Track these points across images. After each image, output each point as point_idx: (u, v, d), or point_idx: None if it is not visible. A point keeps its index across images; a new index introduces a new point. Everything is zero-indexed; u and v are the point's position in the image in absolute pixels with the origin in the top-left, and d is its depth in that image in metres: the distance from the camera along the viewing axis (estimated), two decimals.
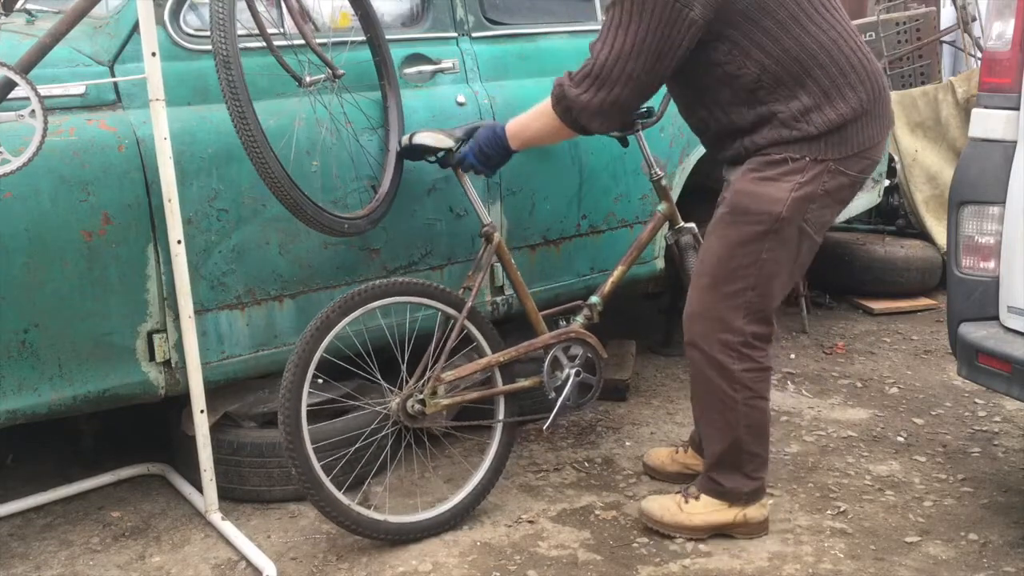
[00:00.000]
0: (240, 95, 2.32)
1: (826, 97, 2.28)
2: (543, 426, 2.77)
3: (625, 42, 2.21)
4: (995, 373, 2.39)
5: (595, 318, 2.90)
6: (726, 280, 2.37)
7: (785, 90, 2.28)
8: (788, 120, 2.29)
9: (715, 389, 2.42)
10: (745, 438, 2.45)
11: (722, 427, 2.46)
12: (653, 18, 2.18)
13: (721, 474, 2.51)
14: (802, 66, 2.27)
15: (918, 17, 5.69)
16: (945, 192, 4.52)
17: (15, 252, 2.30)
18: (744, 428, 2.43)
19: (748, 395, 2.41)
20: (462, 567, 2.46)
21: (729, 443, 2.46)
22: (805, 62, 2.26)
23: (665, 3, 2.16)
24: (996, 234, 2.45)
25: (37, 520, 2.73)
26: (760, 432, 2.47)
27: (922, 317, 4.48)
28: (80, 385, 2.44)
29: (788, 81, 2.27)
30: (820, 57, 2.27)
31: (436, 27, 3.04)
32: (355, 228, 2.64)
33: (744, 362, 2.39)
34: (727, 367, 2.38)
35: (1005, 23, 2.44)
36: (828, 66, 2.28)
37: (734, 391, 2.40)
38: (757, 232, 2.34)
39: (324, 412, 2.76)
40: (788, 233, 2.34)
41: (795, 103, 2.28)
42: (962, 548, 2.51)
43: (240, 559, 2.51)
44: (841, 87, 2.29)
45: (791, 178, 2.30)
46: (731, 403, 2.41)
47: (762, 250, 2.34)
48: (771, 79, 2.27)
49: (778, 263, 2.36)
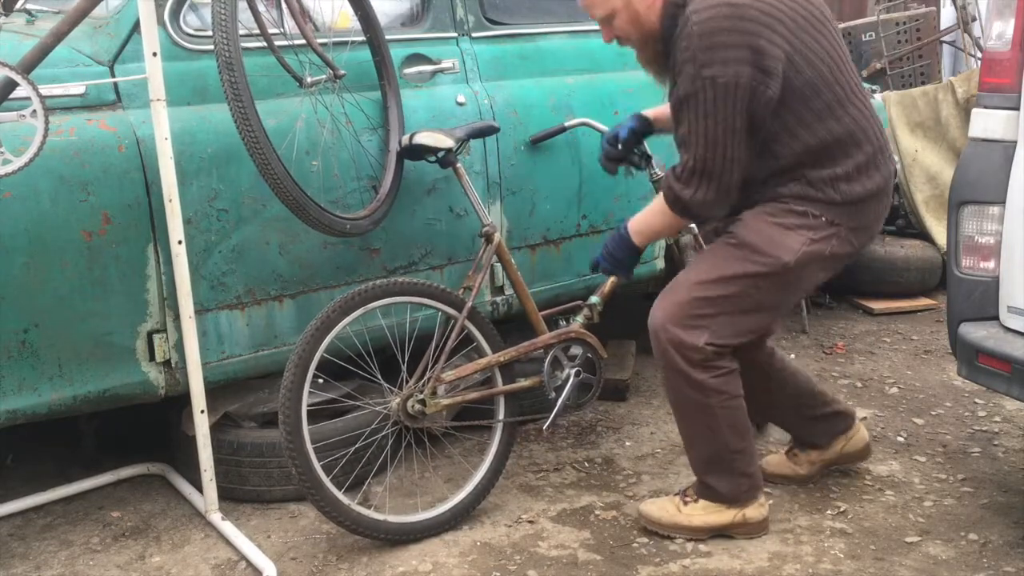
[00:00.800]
0: (243, 96, 2.32)
1: (857, 172, 2.35)
2: (543, 426, 2.77)
3: (716, 130, 2.24)
4: (995, 373, 2.39)
5: (595, 318, 2.90)
6: (703, 303, 2.37)
7: (821, 161, 2.33)
8: (817, 182, 2.33)
9: (688, 399, 2.42)
10: (730, 438, 2.44)
11: (704, 432, 2.45)
12: (737, 102, 2.21)
13: (714, 477, 2.50)
14: (841, 145, 2.33)
15: (918, 17, 5.69)
16: (945, 192, 4.51)
17: (15, 252, 2.30)
18: (727, 429, 2.43)
19: (722, 399, 2.41)
20: (462, 567, 2.46)
21: (715, 446, 2.46)
22: (845, 141, 2.33)
23: (746, 86, 2.20)
24: (996, 234, 2.45)
25: (37, 520, 2.73)
26: (743, 428, 2.46)
27: (922, 317, 4.48)
28: (80, 385, 2.44)
29: (824, 156, 2.33)
30: (858, 136, 2.34)
31: (436, 27, 3.05)
32: (357, 228, 2.64)
33: (709, 371, 2.39)
34: (694, 377, 2.38)
35: (1005, 23, 2.44)
36: (863, 144, 2.35)
37: (707, 397, 2.40)
38: (758, 271, 2.36)
39: (324, 412, 2.76)
40: (785, 281, 2.38)
41: (827, 171, 2.33)
42: (962, 548, 2.51)
43: (240, 559, 2.51)
44: (870, 165, 2.36)
45: (806, 233, 2.34)
46: (707, 409, 2.41)
47: (753, 287, 2.36)
48: (811, 156, 2.33)
49: (760, 303, 2.39)
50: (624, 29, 2.38)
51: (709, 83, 2.19)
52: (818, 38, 2.28)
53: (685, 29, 2.21)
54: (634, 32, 2.37)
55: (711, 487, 2.51)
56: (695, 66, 2.19)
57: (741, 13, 2.19)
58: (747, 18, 2.19)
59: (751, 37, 2.18)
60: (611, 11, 2.35)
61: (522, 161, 3.12)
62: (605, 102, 3.30)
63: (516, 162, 3.11)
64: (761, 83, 2.20)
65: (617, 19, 2.36)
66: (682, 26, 2.23)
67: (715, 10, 2.19)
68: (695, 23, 2.19)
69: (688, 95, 2.23)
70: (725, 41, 2.17)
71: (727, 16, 2.18)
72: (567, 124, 3.14)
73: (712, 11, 2.19)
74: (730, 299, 2.37)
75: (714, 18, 2.18)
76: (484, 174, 3.04)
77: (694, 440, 2.50)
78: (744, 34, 2.18)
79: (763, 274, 2.35)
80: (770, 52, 2.19)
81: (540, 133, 3.12)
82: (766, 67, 2.20)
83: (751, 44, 2.18)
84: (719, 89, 2.19)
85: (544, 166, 3.17)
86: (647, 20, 2.33)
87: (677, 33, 2.25)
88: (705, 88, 2.20)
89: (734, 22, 2.18)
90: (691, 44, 2.19)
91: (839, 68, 2.31)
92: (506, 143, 3.07)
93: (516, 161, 3.11)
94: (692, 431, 2.48)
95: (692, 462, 2.56)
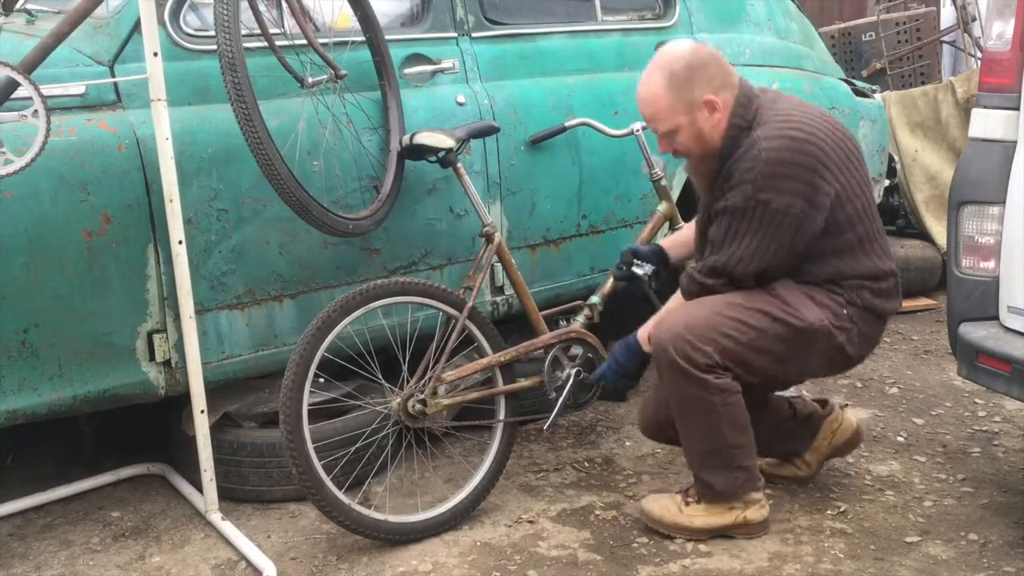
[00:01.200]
0: (246, 97, 2.33)
1: (880, 293, 2.47)
2: (543, 426, 2.77)
3: (751, 246, 2.36)
4: (995, 373, 2.39)
5: (595, 318, 2.90)
6: (720, 321, 2.38)
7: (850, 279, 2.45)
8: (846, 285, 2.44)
9: (690, 396, 2.41)
10: (729, 434, 2.44)
11: (703, 428, 2.45)
12: (782, 229, 2.33)
13: (709, 473, 2.49)
14: (868, 272, 2.46)
15: (918, 17, 5.69)
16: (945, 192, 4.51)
17: (15, 252, 2.30)
18: (727, 425, 2.43)
19: (724, 396, 2.41)
20: (462, 567, 2.46)
21: (713, 442, 2.46)
22: (871, 269, 2.46)
23: (795, 216, 2.31)
24: (996, 234, 2.45)
25: (37, 520, 2.73)
26: (742, 424, 2.46)
27: (922, 317, 4.48)
28: (80, 385, 2.44)
29: (852, 277, 2.45)
30: (882, 267, 2.47)
31: (436, 27, 3.05)
32: (359, 228, 2.64)
33: (712, 373, 2.39)
34: (696, 375, 2.38)
35: (1005, 23, 2.44)
36: (888, 275, 2.49)
37: (709, 395, 2.40)
38: (780, 317, 2.40)
39: (325, 412, 2.76)
40: (798, 338, 2.41)
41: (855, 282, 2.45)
42: (962, 548, 2.51)
43: (240, 559, 2.51)
44: (891, 291, 2.51)
45: (830, 313, 2.42)
46: (709, 406, 2.41)
47: (770, 327, 2.39)
48: (841, 276, 2.44)
49: (769, 348, 2.41)
50: (686, 144, 2.44)
51: (761, 206, 2.31)
52: (856, 176, 2.41)
53: (751, 151, 2.31)
54: (695, 148, 2.44)
55: (707, 484, 2.50)
56: (753, 188, 2.30)
57: (805, 148, 2.31)
58: (809, 154, 2.31)
59: (810, 173, 2.30)
60: (676, 127, 2.40)
61: (522, 161, 3.12)
62: (605, 102, 3.30)
63: (516, 162, 3.11)
64: (809, 216, 2.32)
65: (680, 135, 2.41)
66: (748, 147, 2.33)
67: (783, 141, 2.30)
68: (764, 149, 2.30)
69: (737, 209, 2.34)
70: (787, 172, 2.29)
71: (793, 149, 2.30)
72: (567, 124, 3.14)
73: (781, 142, 2.30)
74: (745, 328, 2.39)
75: (781, 149, 2.29)
76: (484, 174, 3.04)
77: (692, 436, 2.49)
78: (805, 169, 2.30)
79: (783, 321, 2.40)
80: (823, 189, 2.32)
81: (540, 133, 3.12)
82: (817, 202, 2.32)
83: (809, 180, 2.30)
84: (769, 213, 2.31)
85: (544, 166, 3.17)
86: (710, 138, 2.40)
87: (740, 152, 2.35)
88: (756, 208, 2.31)
89: (798, 156, 2.30)
90: (755, 167, 2.30)
91: (867, 206, 2.44)
92: (506, 143, 3.07)
93: (516, 161, 3.11)
94: (691, 427, 2.48)
95: (689, 458, 2.55)
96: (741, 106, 2.39)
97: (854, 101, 4.02)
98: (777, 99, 2.45)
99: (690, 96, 2.36)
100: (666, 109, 2.38)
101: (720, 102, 2.37)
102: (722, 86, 2.38)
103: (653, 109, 2.40)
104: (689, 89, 2.35)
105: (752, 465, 2.52)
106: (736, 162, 2.35)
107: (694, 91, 2.35)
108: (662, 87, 2.37)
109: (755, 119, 2.37)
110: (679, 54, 2.39)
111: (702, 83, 2.36)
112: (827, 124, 2.39)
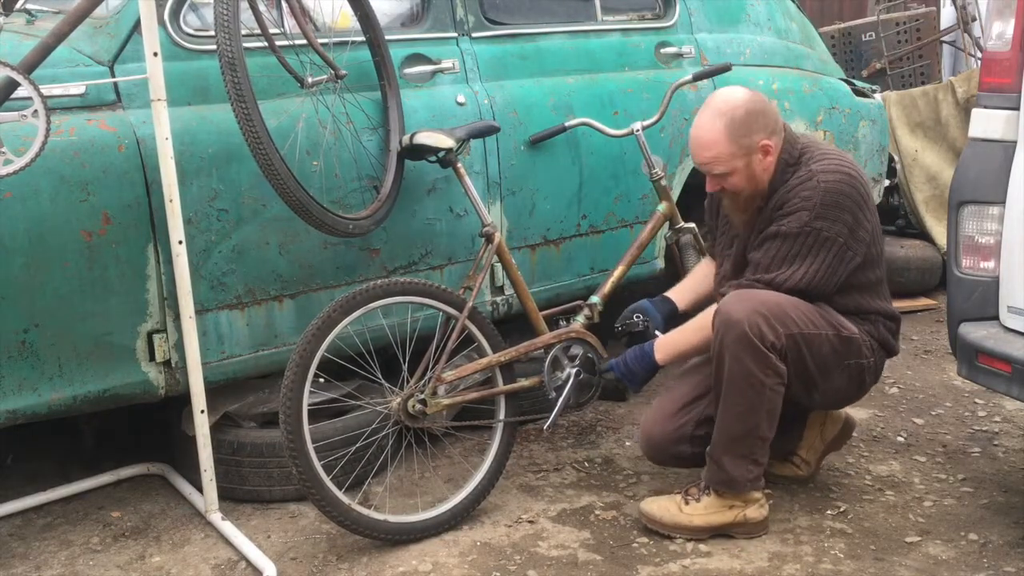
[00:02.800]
0: (246, 97, 2.33)
1: (893, 332, 2.66)
2: (543, 426, 2.77)
3: (805, 269, 2.46)
4: (995, 373, 2.39)
5: (595, 318, 2.90)
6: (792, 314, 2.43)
7: (870, 313, 2.59)
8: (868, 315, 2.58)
9: (747, 372, 2.40)
10: (763, 423, 2.45)
11: (744, 411, 2.44)
12: (829, 256, 2.45)
13: (729, 458, 2.48)
14: (884, 311, 2.61)
15: (918, 17, 5.69)
16: (945, 192, 4.51)
17: (15, 252, 2.30)
18: (766, 413, 2.44)
19: (776, 381, 2.42)
20: (462, 567, 2.46)
21: (747, 427, 2.45)
22: (886, 309, 2.62)
23: (841, 246, 2.45)
24: (996, 234, 2.45)
25: (37, 520, 2.73)
26: (775, 418, 2.48)
27: (922, 317, 4.48)
28: (80, 385, 2.44)
29: (872, 313, 2.58)
30: (891, 308, 2.64)
31: (436, 27, 3.05)
32: (360, 228, 2.64)
33: (776, 354, 2.42)
34: (762, 351, 2.39)
35: (1005, 23, 2.44)
36: (892, 319, 2.64)
37: (766, 376, 2.40)
38: (832, 326, 2.50)
39: (325, 411, 2.76)
40: (841, 348, 2.49)
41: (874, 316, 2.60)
42: (962, 548, 2.51)
43: (240, 559, 2.51)
44: (896, 334, 2.67)
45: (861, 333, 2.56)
46: (760, 388, 2.41)
47: (825, 332, 2.48)
48: (864, 312, 2.57)
49: (820, 350, 2.47)
50: (738, 185, 2.52)
51: (814, 233, 2.43)
52: (877, 221, 2.57)
53: (811, 182, 2.45)
54: (747, 188, 2.53)
55: (722, 467, 2.49)
56: (811, 215, 2.43)
57: (856, 186, 2.47)
58: (859, 191, 2.47)
59: (858, 208, 2.46)
60: (732, 170, 2.49)
61: (522, 161, 3.13)
62: (605, 102, 3.30)
63: (516, 162, 3.11)
64: (851, 248, 2.47)
65: (734, 176, 2.50)
66: (806, 178, 2.46)
67: (841, 176, 2.46)
68: (823, 182, 2.44)
69: (791, 234, 2.45)
70: (842, 203, 2.44)
71: (849, 184, 2.45)
72: (567, 124, 3.14)
73: (838, 175, 2.45)
74: (809, 323, 2.45)
75: (840, 183, 2.44)
76: (484, 174, 3.04)
77: (730, 415, 2.46)
78: (856, 203, 2.46)
79: (834, 326, 2.49)
80: (864, 225, 2.48)
81: (540, 133, 3.12)
82: (860, 236, 2.48)
83: (856, 215, 2.46)
84: (820, 239, 2.44)
85: (544, 166, 3.17)
86: (760, 180, 2.52)
87: (796, 182, 2.47)
88: (810, 235, 2.44)
89: (852, 191, 2.45)
90: (815, 196, 2.43)
91: (882, 252, 2.62)
92: (506, 143, 3.07)
93: (516, 161, 3.11)
94: (734, 407, 2.45)
95: (715, 441, 2.51)
96: (788, 144, 2.53)
97: (854, 101, 4.02)
98: (817, 140, 2.65)
99: (749, 142, 2.46)
100: (726, 154, 2.47)
101: (773, 145, 2.49)
102: (774, 130, 2.50)
103: (712, 153, 2.48)
104: (748, 135, 2.46)
105: (764, 465, 2.54)
106: (793, 190, 2.47)
107: (752, 137, 2.46)
108: (722, 133, 2.46)
109: (803, 155, 2.52)
110: (739, 101, 2.48)
111: (759, 129, 2.47)
112: (862, 170, 2.56)
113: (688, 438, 2.60)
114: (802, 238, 2.44)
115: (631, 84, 3.38)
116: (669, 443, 2.63)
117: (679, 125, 3.41)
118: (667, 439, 2.63)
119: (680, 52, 3.58)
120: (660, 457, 2.69)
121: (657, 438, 2.65)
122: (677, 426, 2.62)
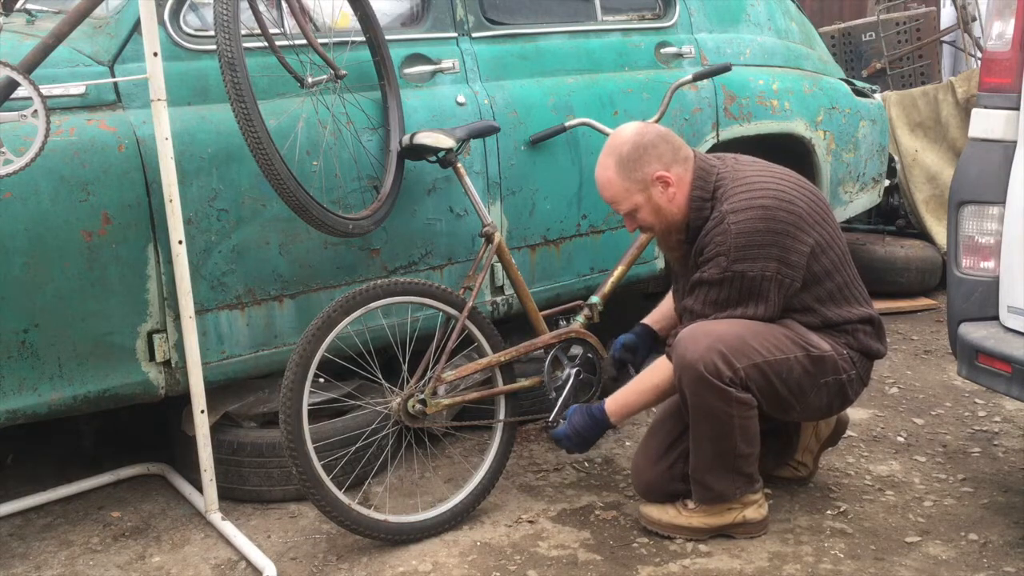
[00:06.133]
0: (246, 96, 2.33)
1: (869, 334, 2.55)
2: (543, 426, 2.77)
3: (739, 314, 2.43)
4: (995, 373, 2.39)
5: (595, 318, 2.90)
6: (752, 342, 2.40)
7: (839, 324, 2.52)
8: (839, 325, 2.52)
9: (709, 405, 2.40)
10: (739, 443, 2.44)
11: (716, 436, 2.44)
12: (766, 290, 2.41)
13: (713, 477, 2.49)
14: (854, 317, 2.53)
15: (918, 17, 5.69)
16: (945, 192, 4.52)
17: (15, 252, 2.30)
18: (739, 435, 2.43)
19: (742, 409, 2.41)
20: (462, 567, 2.46)
21: (722, 449, 2.45)
22: (857, 314, 2.53)
23: (771, 278, 2.40)
24: (996, 234, 2.45)
25: (37, 520, 2.73)
26: (753, 435, 2.46)
27: (922, 317, 4.48)
28: (80, 385, 2.44)
29: (840, 321, 2.52)
30: (866, 313, 2.55)
31: (436, 27, 3.05)
32: (360, 228, 2.64)
33: (736, 387, 2.39)
34: (719, 386, 2.37)
35: (1005, 23, 2.44)
36: (873, 319, 2.56)
37: (729, 407, 2.39)
38: (803, 346, 2.45)
39: (325, 411, 2.76)
40: (813, 368, 2.45)
41: (848, 325, 2.53)
42: (962, 548, 2.51)
43: (240, 559, 2.51)
44: (879, 334, 2.59)
45: (836, 348, 2.49)
46: (727, 418, 2.40)
47: (794, 353, 2.43)
48: (828, 323, 2.51)
49: (790, 375, 2.43)
50: (647, 221, 2.52)
51: (738, 276, 2.40)
52: (829, 228, 2.49)
53: (721, 226, 2.40)
54: (658, 223, 2.52)
55: (706, 486, 2.50)
56: (728, 260, 2.39)
57: (775, 216, 2.39)
58: (779, 220, 2.39)
59: (781, 237, 2.39)
60: (635, 206, 2.50)
61: (522, 161, 3.13)
62: (605, 102, 3.30)
63: (516, 162, 3.11)
64: (787, 276, 2.41)
65: (640, 212, 2.51)
66: (717, 222, 2.41)
67: (751, 212, 2.39)
68: (733, 223, 2.38)
69: (714, 280, 2.42)
70: (759, 242, 2.38)
71: (762, 220, 2.38)
72: (567, 124, 3.15)
73: (748, 214, 2.39)
74: (773, 349, 2.41)
75: (751, 220, 2.38)
76: (484, 174, 3.04)
77: (703, 443, 2.47)
78: (776, 234, 2.39)
79: (802, 347, 2.45)
80: (796, 249, 2.40)
81: (540, 133, 3.12)
82: (792, 262, 2.41)
83: (781, 244, 2.39)
84: (746, 281, 2.40)
85: (544, 166, 3.17)
86: (668, 212, 2.49)
87: (710, 227, 2.43)
88: (733, 279, 2.41)
89: (768, 223, 2.38)
90: (727, 241, 2.38)
91: (842, 256, 2.52)
92: (506, 143, 3.08)
93: (516, 161, 3.11)
94: (706, 435, 2.45)
95: (694, 465, 2.52)
96: (699, 178, 2.48)
97: (854, 101, 4.02)
98: (738, 166, 2.52)
99: (641, 175, 2.45)
100: (622, 191, 2.48)
101: (673, 177, 2.46)
102: (672, 161, 2.47)
103: (610, 192, 2.51)
104: (639, 168, 2.45)
105: (753, 471, 2.53)
106: (707, 236, 2.44)
107: (644, 169, 2.45)
108: (614, 171, 2.47)
109: (717, 189, 2.46)
110: (625, 137, 2.48)
111: (651, 161, 2.45)
112: (795, 183, 2.49)
113: (680, 476, 2.59)
114: (727, 283, 2.41)
115: (631, 84, 3.38)
116: (663, 484, 2.62)
117: (679, 125, 3.41)
118: (660, 481, 2.62)
119: (680, 52, 3.58)
120: (658, 498, 2.66)
121: (652, 483, 2.64)
122: (667, 467, 2.61)
